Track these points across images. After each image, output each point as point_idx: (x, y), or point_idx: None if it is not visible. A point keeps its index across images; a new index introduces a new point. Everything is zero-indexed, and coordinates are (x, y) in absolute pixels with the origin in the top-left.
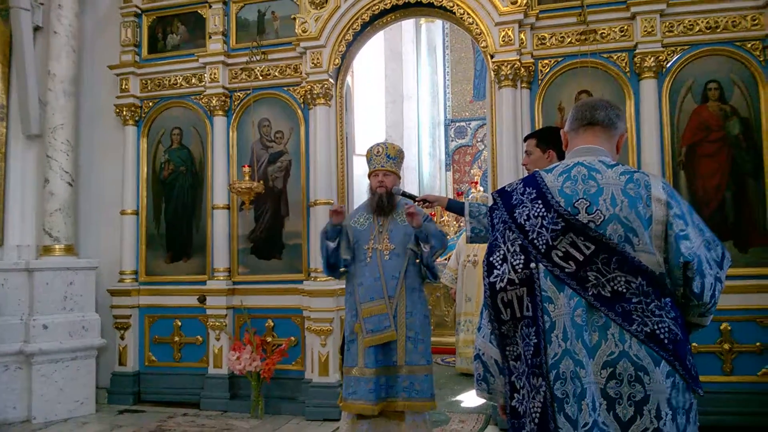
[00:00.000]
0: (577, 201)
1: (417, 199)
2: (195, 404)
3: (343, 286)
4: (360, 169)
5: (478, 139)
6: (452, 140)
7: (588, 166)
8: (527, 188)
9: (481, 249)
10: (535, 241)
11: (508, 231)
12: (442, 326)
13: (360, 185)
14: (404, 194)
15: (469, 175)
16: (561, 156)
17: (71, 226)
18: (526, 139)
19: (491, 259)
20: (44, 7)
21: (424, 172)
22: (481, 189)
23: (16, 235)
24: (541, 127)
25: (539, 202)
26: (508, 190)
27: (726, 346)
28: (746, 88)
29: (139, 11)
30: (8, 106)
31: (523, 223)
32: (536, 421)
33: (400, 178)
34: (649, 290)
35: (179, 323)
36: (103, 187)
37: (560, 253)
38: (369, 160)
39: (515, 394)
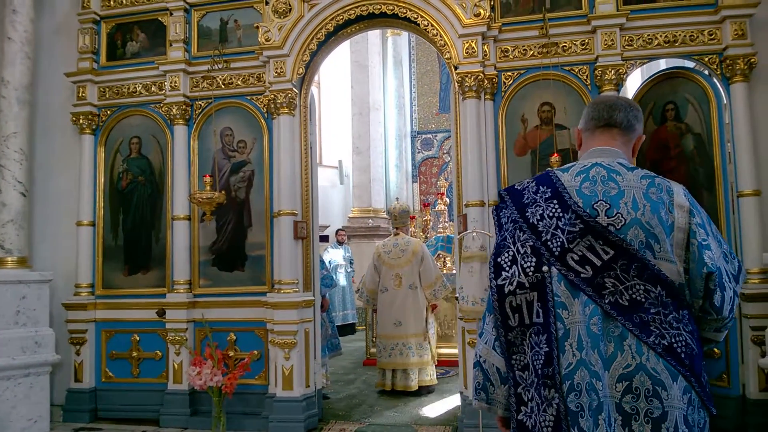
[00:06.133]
0: (597, 203)
1: None
2: (154, 421)
3: (307, 298)
4: (324, 180)
5: (444, 151)
6: (419, 152)
7: (607, 168)
8: (541, 187)
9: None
10: (549, 242)
11: (518, 231)
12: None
13: (324, 196)
14: None
15: (435, 186)
16: None
17: (24, 238)
18: None
19: (499, 260)
20: None
21: (391, 184)
22: (447, 200)
23: None
24: (504, 137)
25: (554, 201)
26: (518, 188)
27: None
28: (699, 105)
29: (98, 18)
30: None
31: (535, 223)
32: None
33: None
34: (668, 301)
35: (137, 338)
36: (58, 198)
37: (576, 257)
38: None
39: (522, 407)
